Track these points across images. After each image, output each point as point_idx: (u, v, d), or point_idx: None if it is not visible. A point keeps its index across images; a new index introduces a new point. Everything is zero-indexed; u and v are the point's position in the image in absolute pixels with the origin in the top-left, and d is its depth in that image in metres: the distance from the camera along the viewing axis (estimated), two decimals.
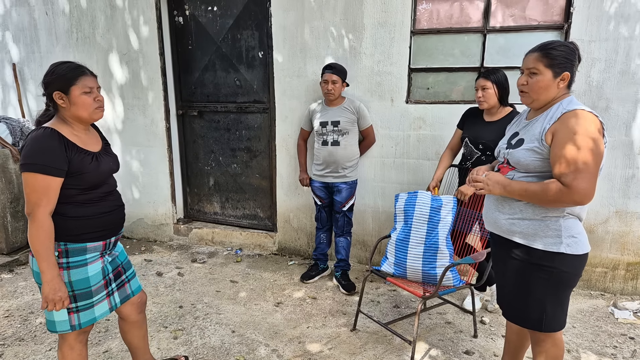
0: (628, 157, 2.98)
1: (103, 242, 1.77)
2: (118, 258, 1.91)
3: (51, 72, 1.66)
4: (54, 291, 1.60)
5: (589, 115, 1.53)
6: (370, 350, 2.50)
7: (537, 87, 1.62)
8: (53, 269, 1.60)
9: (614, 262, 3.14)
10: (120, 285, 1.90)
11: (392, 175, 3.45)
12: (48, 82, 1.65)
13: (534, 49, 1.66)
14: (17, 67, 4.26)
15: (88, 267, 1.72)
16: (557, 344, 1.76)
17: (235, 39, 3.77)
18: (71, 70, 1.66)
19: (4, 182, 3.56)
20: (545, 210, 1.62)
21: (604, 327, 2.75)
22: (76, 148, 1.64)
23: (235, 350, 2.50)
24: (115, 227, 1.81)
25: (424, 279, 2.51)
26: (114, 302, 1.87)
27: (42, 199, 1.56)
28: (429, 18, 3.22)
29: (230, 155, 4.05)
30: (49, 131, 1.60)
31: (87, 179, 1.67)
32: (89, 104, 1.66)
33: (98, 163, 1.70)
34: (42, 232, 1.57)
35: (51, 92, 1.64)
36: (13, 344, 2.54)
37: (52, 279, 1.60)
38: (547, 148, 1.58)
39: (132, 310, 1.98)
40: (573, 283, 1.68)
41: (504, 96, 2.62)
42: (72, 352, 1.80)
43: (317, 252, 3.43)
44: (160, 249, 4.08)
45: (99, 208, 1.73)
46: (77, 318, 1.73)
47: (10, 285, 3.28)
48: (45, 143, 1.57)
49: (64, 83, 1.63)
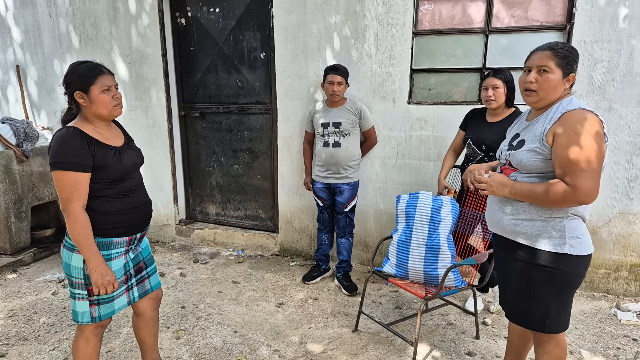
0: (631, 158, 2.97)
1: (128, 238, 1.82)
2: (141, 253, 1.95)
3: (71, 72, 1.71)
4: (101, 277, 1.67)
5: (589, 114, 1.53)
6: (372, 351, 2.50)
7: (547, 86, 1.60)
8: (96, 256, 1.67)
9: (617, 263, 3.12)
10: (140, 280, 1.94)
11: (394, 176, 3.45)
12: (69, 82, 1.71)
13: (543, 47, 1.64)
14: (21, 69, 4.29)
15: (112, 262, 1.77)
16: (560, 345, 1.76)
17: (237, 40, 3.78)
18: (90, 69, 1.71)
19: (7, 183, 3.58)
20: (549, 211, 1.62)
21: (607, 329, 2.74)
22: (98, 144, 1.71)
23: (237, 350, 2.50)
24: (141, 223, 1.86)
25: (426, 280, 2.50)
26: (132, 296, 1.91)
27: (73, 194, 1.63)
28: (430, 19, 3.22)
29: (232, 156, 4.06)
30: (71, 130, 1.67)
31: (111, 172, 1.72)
32: (107, 101, 1.73)
33: (121, 157, 1.76)
34: (78, 225, 1.64)
35: (72, 91, 1.71)
36: (17, 344, 2.55)
37: (97, 265, 1.67)
38: (549, 149, 1.58)
39: (149, 305, 2.02)
40: (576, 284, 1.68)
41: (512, 96, 2.61)
42: (87, 344, 1.84)
43: (318, 253, 3.43)
44: (163, 250, 4.09)
45: (126, 203, 1.79)
46: (97, 310, 1.78)
47: (14, 286, 3.30)
48: (69, 141, 1.64)
49: (83, 83, 1.69)
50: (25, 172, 3.72)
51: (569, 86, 1.63)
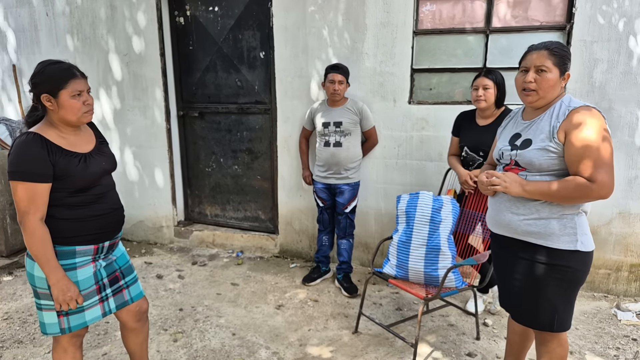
0: (631, 158, 2.97)
1: (95, 246, 1.71)
2: (116, 262, 1.83)
3: (40, 71, 1.59)
4: (62, 292, 1.59)
5: (594, 111, 1.57)
6: (372, 352, 2.48)
7: (546, 85, 1.62)
8: (56, 271, 1.58)
9: (617, 263, 3.12)
10: (117, 291, 1.83)
11: (394, 177, 3.43)
12: (36, 83, 1.58)
13: (539, 47, 1.66)
14: (17, 68, 4.25)
15: (77, 272, 1.67)
16: (562, 344, 1.76)
17: (237, 40, 3.76)
18: (61, 72, 1.59)
19: (3, 184, 3.54)
20: (562, 208, 1.62)
21: (607, 329, 2.73)
22: (61, 151, 1.59)
23: (236, 353, 2.48)
24: (109, 231, 1.75)
25: (426, 280, 2.49)
26: (107, 307, 1.80)
27: (29, 206, 1.53)
28: (431, 18, 3.21)
29: (231, 156, 4.04)
30: (32, 137, 1.56)
31: (75, 181, 1.62)
32: (77, 108, 1.61)
33: (86, 164, 1.65)
34: (35, 239, 1.55)
35: (39, 93, 1.58)
36: (12, 347, 2.51)
37: (57, 281, 1.58)
38: (561, 146, 1.59)
39: (129, 317, 1.91)
40: (583, 281, 1.69)
41: (502, 98, 2.61)
42: (65, 355, 1.77)
43: (319, 255, 3.41)
44: (161, 252, 4.06)
45: (91, 210, 1.68)
46: (66, 321, 1.69)
47: (9, 288, 3.26)
48: (28, 150, 1.53)
49: (53, 86, 1.57)
50: None
51: (564, 84, 1.67)
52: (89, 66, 4.02)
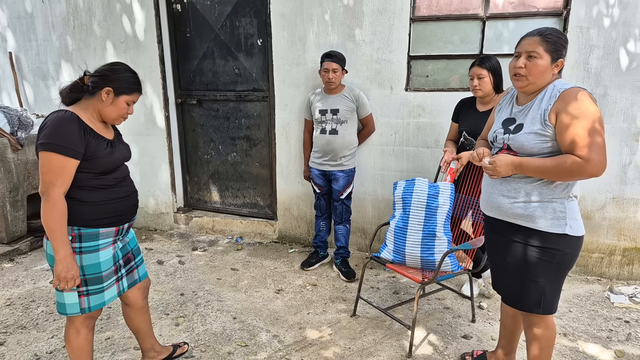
0: (625, 143, 3.00)
1: (116, 228, 1.80)
2: (129, 244, 1.95)
3: (118, 71, 1.74)
4: (66, 269, 1.64)
5: (585, 92, 1.59)
6: (370, 335, 2.54)
7: (536, 71, 1.63)
8: (65, 247, 1.64)
9: (611, 247, 3.17)
10: (130, 270, 1.95)
11: (391, 163, 3.46)
12: (108, 77, 1.71)
13: (532, 33, 1.67)
14: (14, 56, 4.23)
15: (100, 253, 1.75)
16: (549, 326, 1.80)
17: (234, 27, 3.75)
18: (135, 82, 1.77)
19: (2, 171, 3.56)
20: (552, 192, 1.65)
21: (600, 312, 2.79)
22: (93, 133, 1.70)
23: (237, 336, 2.53)
24: (128, 214, 1.85)
25: (423, 265, 2.53)
26: (122, 286, 1.91)
27: (57, 178, 1.60)
28: (428, 5, 3.20)
29: (229, 143, 4.05)
30: (69, 114, 1.65)
31: (101, 164, 1.71)
32: (122, 113, 1.78)
33: (112, 150, 1.76)
34: (55, 212, 1.61)
35: (104, 85, 1.70)
36: (15, 332, 2.56)
37: (64, 257, 1.64)
38: (552, 128, 1.61)
39: (138, 295, 2.03)
40: (572, 265, 1.72)
41: (499, 83, 2.62)
42: (78, 335, 1.83)
43: (317, 240, 3.45)
44: (161, 238, 4.10)
45: (112, 194, 1.77)
46: (87, 301, 1.76)
47: (11, 274, 3.30)
48: (66, 125, 1.62)
49: (122, 88, 1.73)
50: (20, 160, 3.69)
51: (557, 71, 1.67)
52: (85, 53, 4.00)
